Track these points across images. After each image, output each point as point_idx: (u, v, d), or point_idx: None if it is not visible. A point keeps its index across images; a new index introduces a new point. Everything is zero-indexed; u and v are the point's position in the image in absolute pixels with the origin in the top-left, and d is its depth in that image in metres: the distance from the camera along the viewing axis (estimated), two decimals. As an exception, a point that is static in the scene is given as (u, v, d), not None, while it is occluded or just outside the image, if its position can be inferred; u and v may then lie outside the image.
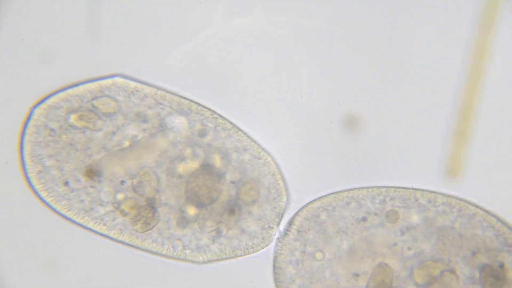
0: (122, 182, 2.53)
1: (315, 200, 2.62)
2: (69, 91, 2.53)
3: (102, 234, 2.56)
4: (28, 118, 2.52)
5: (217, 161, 2.56)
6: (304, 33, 2.59)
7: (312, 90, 2.59)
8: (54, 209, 2.54)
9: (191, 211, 2.56)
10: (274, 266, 2.62)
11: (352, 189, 2.61)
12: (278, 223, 2.62)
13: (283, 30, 2.59)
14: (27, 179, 2.53)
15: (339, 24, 2.59)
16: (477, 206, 2.58)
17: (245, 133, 2.58)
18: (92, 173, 2.52)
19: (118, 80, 2.54)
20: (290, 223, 2.62)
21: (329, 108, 2.59)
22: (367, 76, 2.59)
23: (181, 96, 2.56)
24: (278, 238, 2.63)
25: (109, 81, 2.54)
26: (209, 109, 2.57)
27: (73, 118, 2.52)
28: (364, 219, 2.60)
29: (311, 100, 2.60)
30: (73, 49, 2.56)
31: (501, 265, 2.56)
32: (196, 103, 2.57)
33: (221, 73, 2.58)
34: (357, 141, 2.59)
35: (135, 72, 2.57)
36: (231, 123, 2.58)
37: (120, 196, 2.53)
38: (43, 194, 2.53)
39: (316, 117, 2.60)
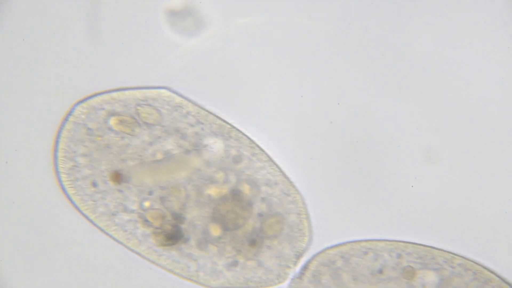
0: (151, 192, 2.50)
1: (332, 246, 2.62)
2: (114, 94, 2.53)
3: (119, 242, 2.51)
4: (69, 114, 2.50)
5: (246, 190, 2.56)
6: (304, 33, 2.61)
7: (312, 90, 2.61)
8: (77, 208, 2.49)
9: (216, 231, 2.53)
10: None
11: (370, 240, 2.63)
12: (295, 263, 2.60)
13: (283, 30, 2.60)
14: (57, 173, 2.49)
15: (339, 24, 2.61)
16: (492, 272, 2.61)
17: (278, 167, 2.60)
18: (119, 177, 2.49)
19: (165, 92, 2.56)
20: (306, 266, 2.61)
21: (329, 108, 2.62)
22: (367, 76, 2.62)
23: (223, 120, 2.58)
24: (292, 279, 2.61)
25: (155, 92, 2.55)
26: (249, 139, 2.59)
27: (112, 121, 2.51)
28: (380, 271, 2.60)
29: (311, 100, 2.62)
30: (73, 49, 2.56)
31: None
32: (238, 130, 2.59)
33: (221, 72, 2.59)
34: (357, 141, 2.62)
35: (135, 72, 2.58)
36: (267, 155, 2.60)
37: (146, 203, 2.50)
38: (71, 191, 2.49)
39: (316, 117, 2.62)
